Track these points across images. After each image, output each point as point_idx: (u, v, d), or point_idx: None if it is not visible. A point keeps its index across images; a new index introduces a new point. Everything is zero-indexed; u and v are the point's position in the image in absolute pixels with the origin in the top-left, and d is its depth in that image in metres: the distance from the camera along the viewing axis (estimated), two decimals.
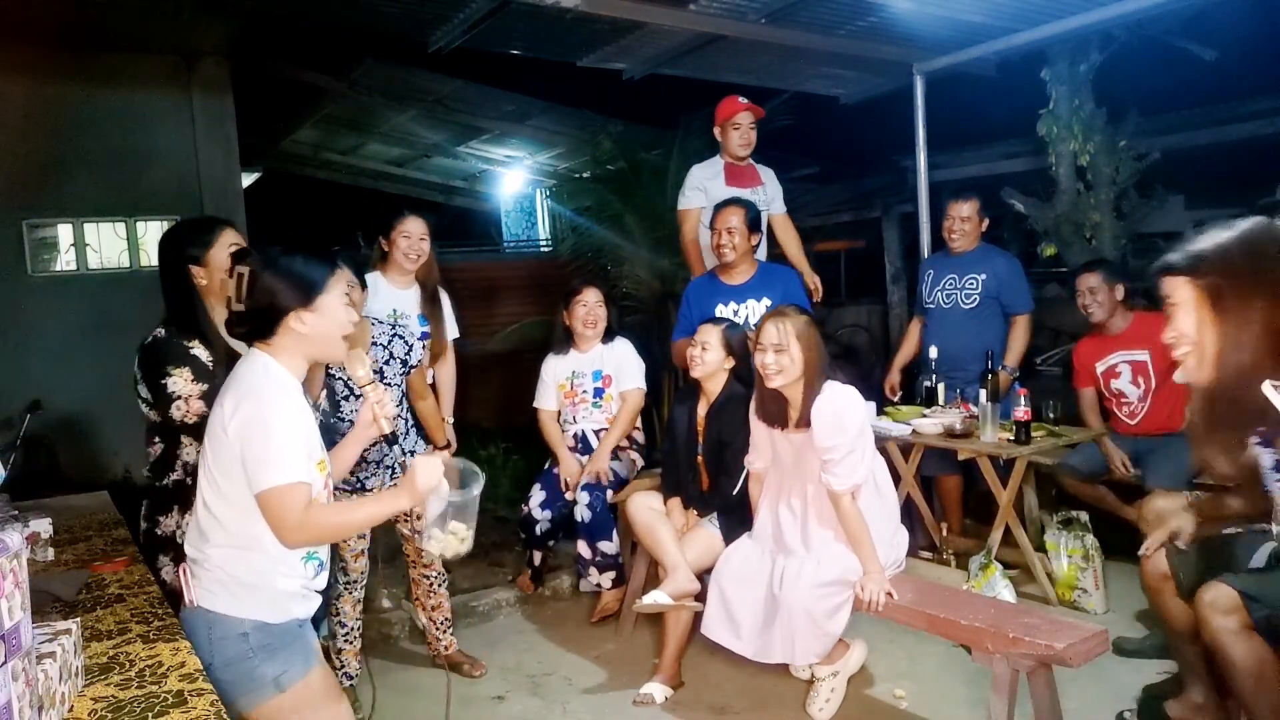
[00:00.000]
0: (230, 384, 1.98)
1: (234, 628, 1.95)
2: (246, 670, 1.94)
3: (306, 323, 2.00)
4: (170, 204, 6.83)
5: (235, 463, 1.90)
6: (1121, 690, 3.22)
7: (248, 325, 2.00)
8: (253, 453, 1.88)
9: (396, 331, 3.34)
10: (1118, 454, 4.10)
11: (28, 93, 6.35)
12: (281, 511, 1.89)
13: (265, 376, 1.97)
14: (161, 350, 2.57)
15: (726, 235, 3.94)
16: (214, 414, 1.96)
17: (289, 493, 1.88)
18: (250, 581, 1.97)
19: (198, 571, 1.99)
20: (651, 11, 4.46)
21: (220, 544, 1.96)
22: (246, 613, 1.97)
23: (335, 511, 2.05)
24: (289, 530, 1.90)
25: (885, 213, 8.70)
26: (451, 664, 3.66)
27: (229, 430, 1.90)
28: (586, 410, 4.27)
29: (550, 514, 4.14)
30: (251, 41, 6.88)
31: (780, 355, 3.03)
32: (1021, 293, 4.51)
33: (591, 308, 4.22)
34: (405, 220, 3.78)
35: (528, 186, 12.38)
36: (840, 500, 3.02)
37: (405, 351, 3.32)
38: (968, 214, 4.50)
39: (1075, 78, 5.93)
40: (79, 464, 6.29)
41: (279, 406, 1.93)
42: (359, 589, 3.40)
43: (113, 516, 3.10)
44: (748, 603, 3.15)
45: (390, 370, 3.29)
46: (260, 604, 1.98)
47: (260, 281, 1.97)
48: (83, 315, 6.47)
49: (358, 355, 2.22)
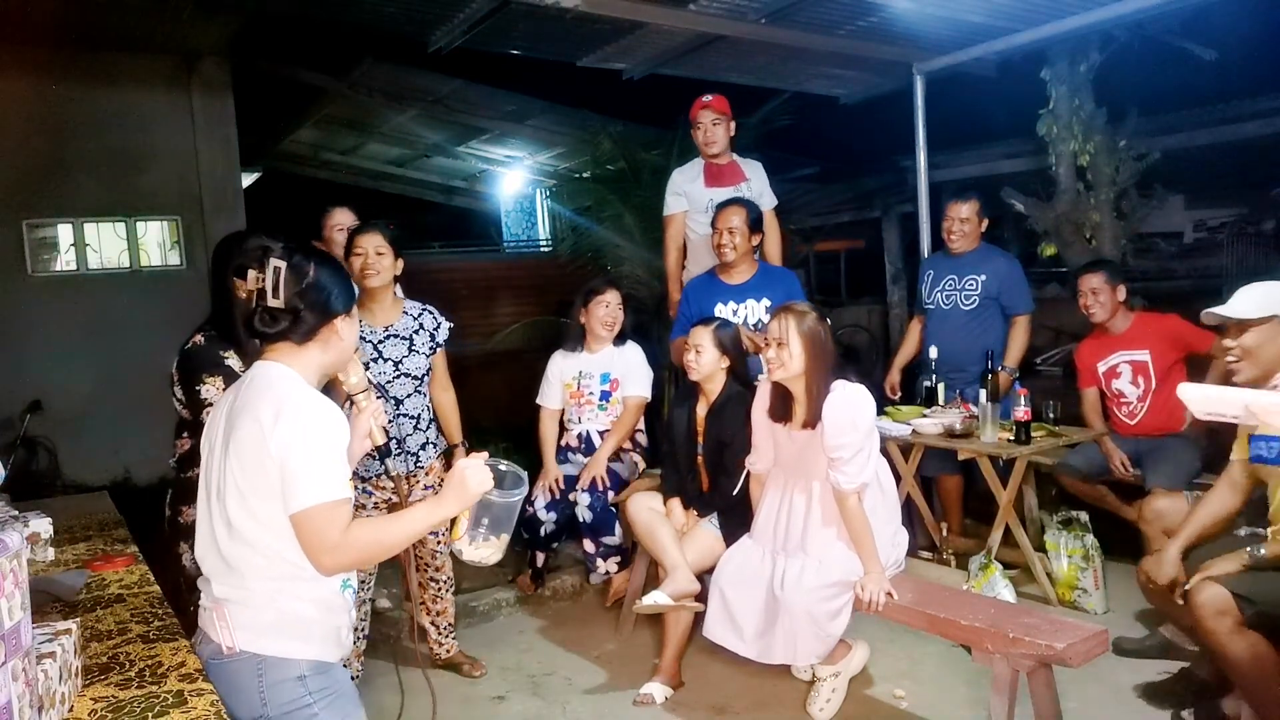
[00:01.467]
0: (253, 397, 1.76)
1: (289, 671, 1.75)
2: (305, 719, 1.75)
3: (346, 329, 1.88)
4: (170, 204, 6.85)
5: (276, 480, 1.70)
6: (1121, 691, 3.22)
7: (284, 325, 1.80)
8: (295, 468, 1.68)
9: (391, 333, 3.32)
10: (1117, 454, 4.10)
11: (28, 93, 6.36)
12: (322, 531, 1.69)
13: (298, 387, 1.78)
14: (197, 358, 2.69)
15: (727, 235, 3.93)
16: (237, 429, 1.74)
17: (333, 510, 1.70)
18: (306, 616, 1.77)
19: (235, 611, 1.75)
20: (651, 11, 4.46)
21: (264, 576, 1.75)
22: (301, 653, 1.77)
23: (375, 528, 1.80)
24: (326, 552, 1.70)
25: (885, 213, 8.71)
26: (451, 665, 3.66)
27: (276, 443, 1.69)
28: (592, 411, 4.27)
29: (555, 515, 4.14)
30: (251, 41, 6.89)
31: (780, 350, 3.03)
32: (1022, 293, 4.51)
33: (613, 309, 4.18)
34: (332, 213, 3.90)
35: (528, 186, 12.40)
36: (846, 499, 3.02)
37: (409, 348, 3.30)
38: (967, 215, 4.49)
39: (1075, 78, 5.93)
40: (79, 464, 6.30)
41: (327, 418, 1.75)
42: (364, 590, 3.36)
43: (113, 516, 3.11)
44: (749, 604, 3.15)
45: (415, 359, 3.30)
46: (314, 640, 1.79)
47: (311, 279, 1.81)
48: (83, 315, 6.48)
49: (354, 361, 2.08)
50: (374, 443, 2.05)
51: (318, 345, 1.84)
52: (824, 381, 3.04)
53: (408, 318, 3.36)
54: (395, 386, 3.30)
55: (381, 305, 3.32)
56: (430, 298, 3.52)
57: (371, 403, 2.06)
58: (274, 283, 1.79)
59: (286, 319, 1.80)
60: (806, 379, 3.04)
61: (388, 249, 3.24)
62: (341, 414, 1.81)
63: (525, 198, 12.81)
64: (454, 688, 3.56)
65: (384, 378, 3.27)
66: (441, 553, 3.52)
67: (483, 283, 8.79)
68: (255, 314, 1.81)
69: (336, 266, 1.90)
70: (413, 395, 3.36)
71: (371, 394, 2.09)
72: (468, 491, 1.82)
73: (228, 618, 1.75)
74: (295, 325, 1.81)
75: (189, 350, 2.73)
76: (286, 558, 1.73)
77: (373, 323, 3.29)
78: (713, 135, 4.35)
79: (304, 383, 1.80)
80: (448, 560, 3.56)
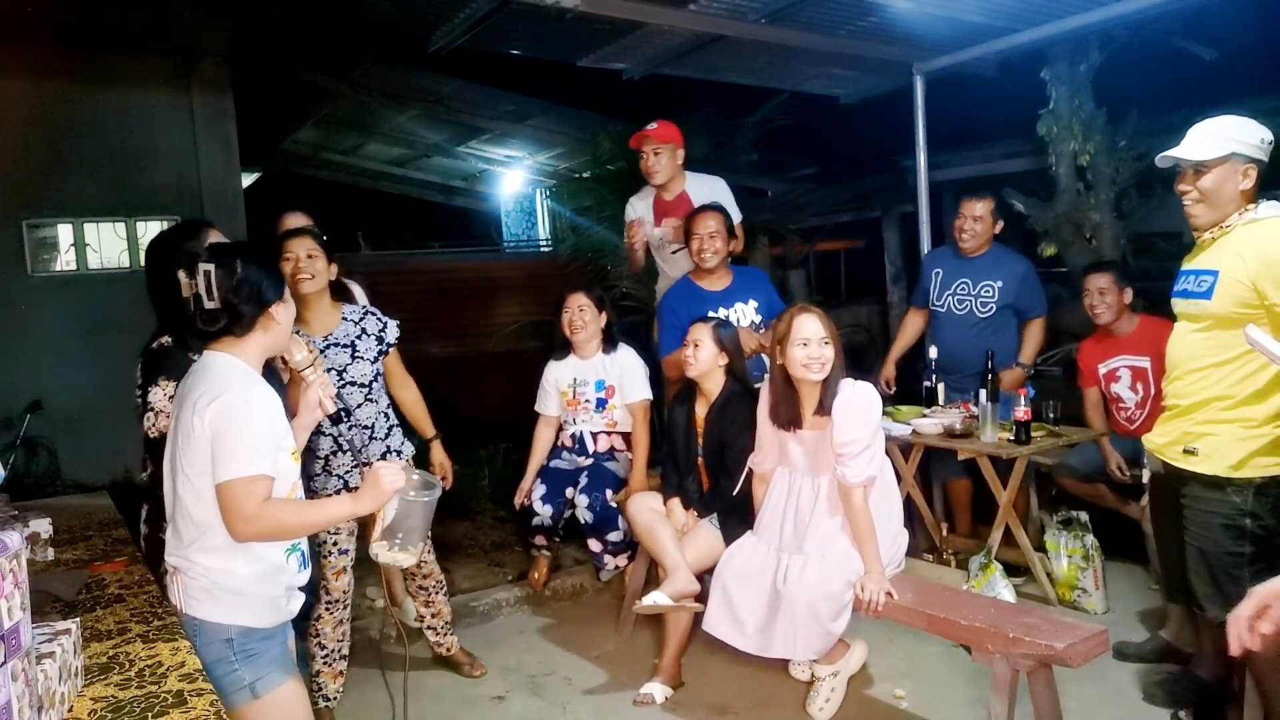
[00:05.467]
0: (195, 383, 1.94)
1: (219, 634, 1.95)
2: (226, 674, 1.93)
3: (282, 314, 2.02)
4: (170, 204, 6.84)
5: (208, 458, 1.88)
6: (1121, 691, 3.22)
7: (224, 322, 1.96)
8: (222, 443, 1.87)
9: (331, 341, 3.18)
10: (1114, 455, 4.09)
11: (28, 93, 6.36)
12: (238, 502, 1.86)
13: (236, 371, 1.96)
14: (162, 360, 2.51)
15: (708, 240, 3.90)
16: (182, 412, 1.93)
17: (251, 484, 1.87)
18: (235, 587, 1.95)
19: (181, 579, 1.97)
20: (651, 11, 4.46)
21: (203, 548, 1.94)
22: (231, 618, 1.95)
23: (292, 509, 2.00)
24: (242, 521, 1.87)
25: (885, 213, 8.70)
26: (452, 663, 3.66)
27: (205, 423, 1.87)
28: (588, 415, 4.26)
29: (551, 510, 4.13)
30: (251, 41, 6.88)
31: (826, 347, 3.03)
32: (1037, 297, 4.41)
33: (574, 313, 4.12)
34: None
35: (528, 186, 12.39)
36: (852, 494, 3.03)
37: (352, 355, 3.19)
38: (980, 213, 4.33)
39: (1075, 78, 5.92)
40: (79, 464, 6.29)
41: (254, 398, 1.92)
42: (340, 609, 3.20)
43: (113, 516, 3.11)
44: (751, 599, 3.15)
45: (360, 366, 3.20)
46: (244, 608, 1.97)
47: (240, 276, 1.95)
48: (83, 315, 6.47)
49: (295, 339, 2.21)
50: (324, 411, 2.22)
51: (258, 333, 2.00)
52: (841, 376, 3.08)
53: (347, 324, 3.22)
54: (343, 396, 3.10)
55: (317, 313, 3.16)
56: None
57: (318, 375, 2.22)
58: (206, 285, 1.93)
59: (224, 317, 1.95)
60: (832, 375, 3.06)
61: (319, 252, 3.10)
62: (273, 398, 1.97)
63: (525, 198, 12.80)
64: (454, 688, 3.57)
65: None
66: (428, 561, 3.50)
67: (482, 283, 8.78)
68: (195, 317, 1.96)
69: (263, 256, 2.03)
70: (363, 404, 3.22)
71: (319, 367, 2.25)
72: (381, 489, 1.99)
73: (178, 584, 1.97)
74: (234, 321, 1.96)
75: (154, 351, 2.56)
76: (220, 531, 1.91)
77: (311, 332, 3.13)
78: (654, 165, 4.27)
79: (243, 368, 1.97)
80: (435, 565, 3.56)
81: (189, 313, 1.98)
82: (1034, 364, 4.47)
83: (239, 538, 1.91)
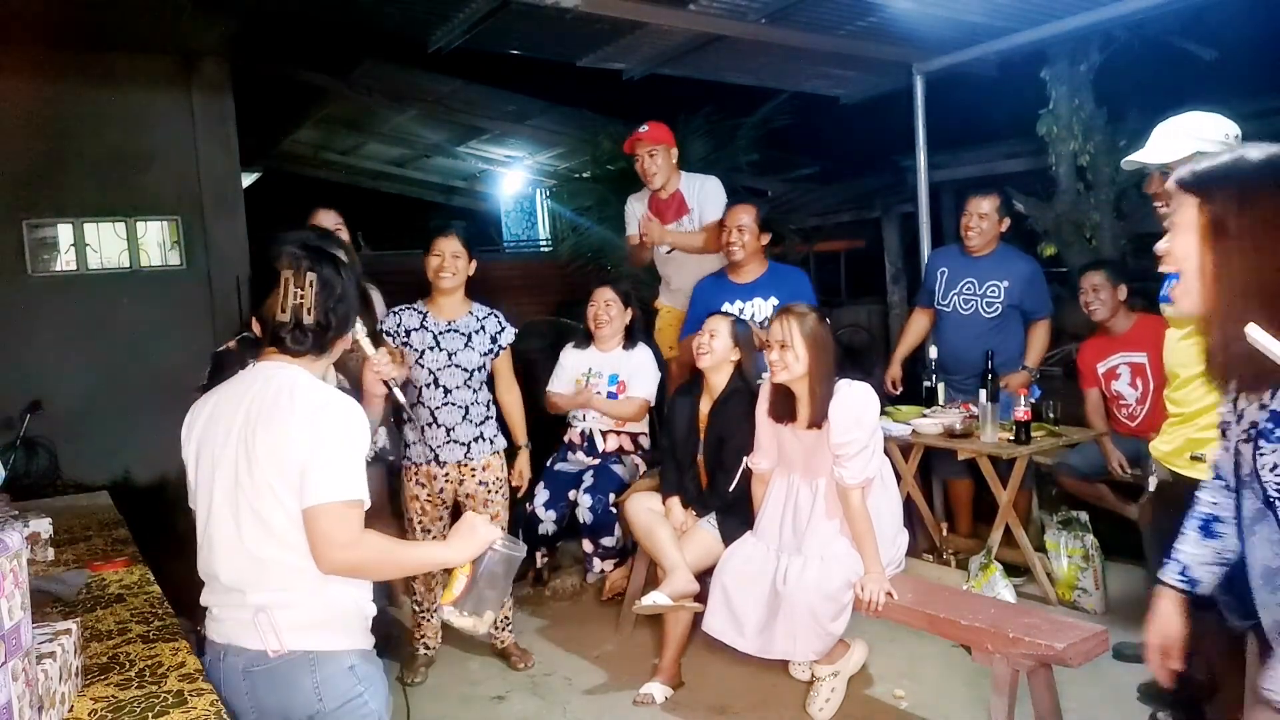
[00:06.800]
0: (279, 402, 1.73)
1: (341, 663, 1.77)
2: (357, 708, 1.77)
3: (348, 341, 1.93)
4: (170, 204, 6.84)
5: (297, 475, 1.70)
6: (1121, 691, 3.22)
7: (311, 341, 1.80)
8: (321, 463, 1.69)
9: (452, 328, 3.46)
10: (1115, 454, 4.09)
11: (28, 93, 6.36)
12: (335, 527, 1.69)
13: (319, 388, 1.79)
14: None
15: (737, 233, 3.96)
16: (271, 436, 1.71)
17: (347, 510, 1.70)
18: (347, 608, 1.80)
19: (280, 614, 1.73)
20: (651, 11, 4.46)
21: (308, 575, 1.74)
22: (349, 644, 1.80)
23: (388, 545, 1.82)
24: (337, 548, 1.69)
25: (885, 213, 8.69)
26: (504, 654, 3.73)
27: (298, 447, 1.69)
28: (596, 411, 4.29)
29: (555, 514, 4.14)
30: (251, 41, 6.88)
31: (784, 352, 3.05)
32: (1043, 297, 4.38)
33: (600, 306, 4.27)
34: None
35: (528, 186, 12.39)
36: (850, 495, 3.03)
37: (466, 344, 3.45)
38: (986, 210, 4.29)
39: (1075, 78, 5.93)
40: (79, 464, 6.29)
41: (350, 420, 1.75)
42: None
43: (113, 516, 3.11)
44: (751, 599, 3.15)
45: (469, 355, 3.46)
46: (356, 631, 1.83)
47: (339, 294, 1.82)
48: (83, 315, 6.48)
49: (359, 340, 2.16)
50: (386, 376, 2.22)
51: (326, 357, 1.87)
52: (827, 382, 3.06)
53: (472, 318, 3.54)
54: (445, 375, 3.46)
55: (450, 302, 3.53)
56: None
57: (377, 354, 2.21)
58: (312, 299, 1.78)
59: (317, 335, 1.80)
60: (810, 380, 3.06)
61: (463, 252, 3.46)
62: (364, 415, 1.81)
63: (525, 198, 12.80)
64: (454, 687, 3.57)
65: (437, 364, 3.44)
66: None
67: (482, 283, 8.78)
68: (290, 330, 1.78)
69: (353, 277, 1.89)
70: (461, 387, 3.49)
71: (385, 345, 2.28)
72: (478, 536, 1.86)
73: (273, 622, 1.72)
74: (320, 339, 1.82)
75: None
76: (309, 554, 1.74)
77: (438, 315, 3.50)
78: (650, 168, 4.29)
79: (322, 383, 1.82)
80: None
81: (279, 322, 1.78)
82: (1038, 367, 4.45)
83: (326, 567, 1.72)
